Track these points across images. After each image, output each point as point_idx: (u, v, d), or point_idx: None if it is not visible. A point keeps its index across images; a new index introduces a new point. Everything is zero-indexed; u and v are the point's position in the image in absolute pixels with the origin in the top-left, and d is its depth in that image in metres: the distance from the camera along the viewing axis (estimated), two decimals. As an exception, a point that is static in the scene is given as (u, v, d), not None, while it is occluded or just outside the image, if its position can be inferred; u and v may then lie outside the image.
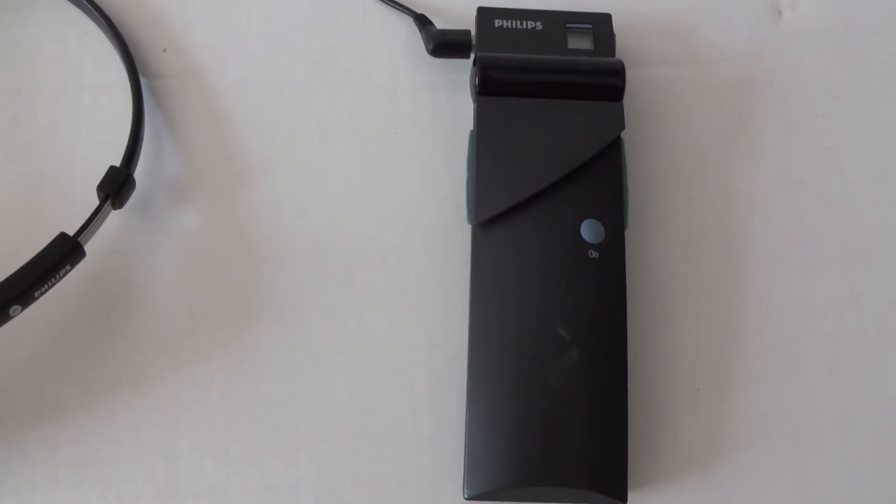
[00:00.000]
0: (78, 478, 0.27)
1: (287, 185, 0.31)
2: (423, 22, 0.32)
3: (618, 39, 0.31)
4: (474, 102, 0.30)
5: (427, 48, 0.31)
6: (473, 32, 0.31)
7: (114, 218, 0.29)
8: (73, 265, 0.27)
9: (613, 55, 0.31)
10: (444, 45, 0.31)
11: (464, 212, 0.29)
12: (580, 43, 0.31)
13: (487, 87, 0.29)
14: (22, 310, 0.26)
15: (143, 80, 0.32)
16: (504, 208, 0.27)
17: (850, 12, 0.33)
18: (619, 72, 0.29)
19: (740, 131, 0.32)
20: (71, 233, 0.27)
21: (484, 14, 0.31)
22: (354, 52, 0.33)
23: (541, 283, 0.27)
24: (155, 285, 0.29)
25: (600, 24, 0.31)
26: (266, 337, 0.29)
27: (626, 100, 0.29)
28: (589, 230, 0.27)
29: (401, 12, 0.33)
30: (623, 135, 0.29)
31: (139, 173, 0.30)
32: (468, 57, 0.31)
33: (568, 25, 0.31)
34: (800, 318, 0.29)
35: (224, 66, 0.32)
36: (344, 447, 0.27)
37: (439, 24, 0.32)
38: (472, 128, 0.30)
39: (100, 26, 0.33)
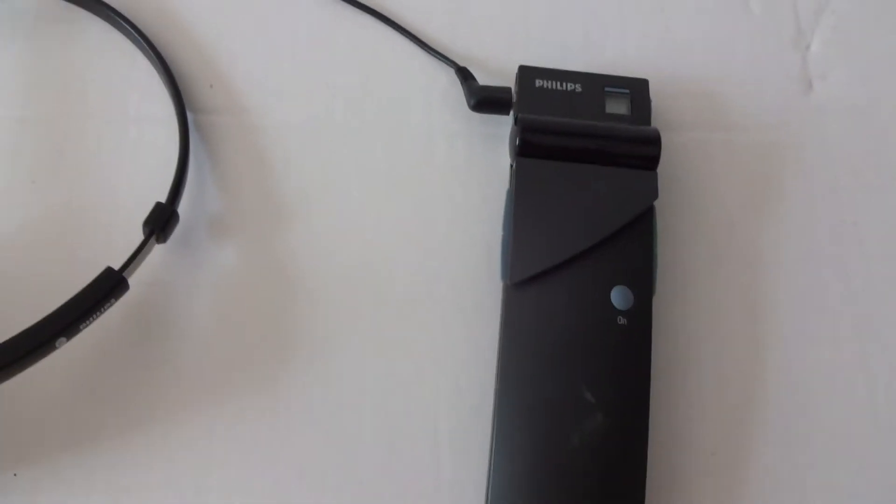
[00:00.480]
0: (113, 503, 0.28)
1: (323, 226, 0.32)
2: (465, 76, 0.33)
3: (653, 104, 0.32)
4: (513, 162, 0.31)
5: (469, 103, 0.32)
6: (514, 90, 0.32)
7: (156, 249, 0.30)
8: (117, 299, 0.28)
9: (649, 120, 0.31)
10: (486, 101, 0.32)
11: (492, 265, 0.30)
12: (617, 107, 0.31)
13: (527, 149, 0.30)
14: (66, 341, 0.27)
15: (189, 115, 0.32)
16: (538, 271, 0.28)
17: (879, 87, 0.34)
18: (654, 141, 0.30)
19: (766, 199, 0.33)
20: (113, 264, 0.28)
21: (525, 73, 0.32)
22: (394, 96, 0.34)
23: (569, 346, 0.28)
24: (193, 318, 0.30)
25: (637, 89, 0.32)
26: (298, 378, 0.29)
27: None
28: (619, 297, 0.28)
29: (443, 63, 0.34)
30: (655, 202, 0.30)
31: (182, 207, 0.31)
32: (507, 114, 0.32)
33: (606, 89, 0.32)
34: (815, 386, 0.30)
35: (267, 105, 0.33)
36: (369, 490, 0.28)
37: (477, 74, 0.33)
38: (507, 186, 0.30)
39: (148, 58, 0.33)
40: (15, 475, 0.28)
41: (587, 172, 0.30)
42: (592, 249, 0.29)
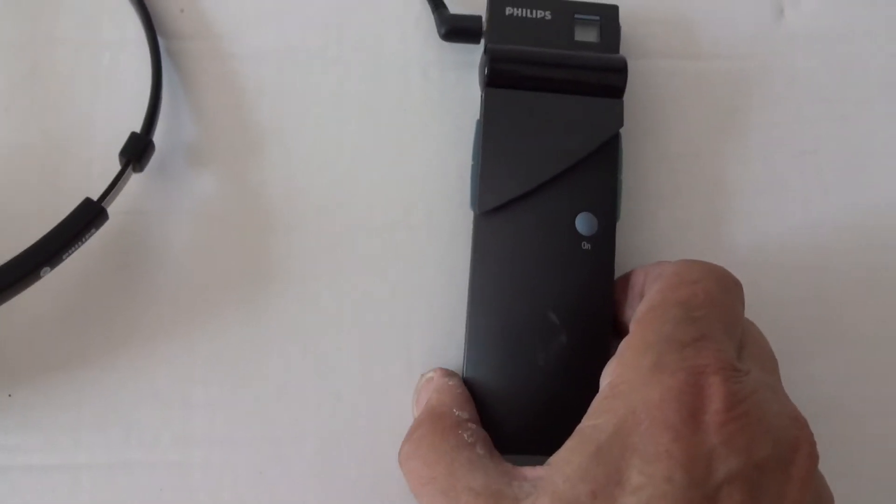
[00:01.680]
0: (101, 420, 0.29)
1: (298, 154, 0.32)
2: (435, 3, 0.33)
3: (623, 30, 0.32)
4: (482, 92, 0.31)
5: (439, 32, 0.32)
6: (485, 18, 0.32)
7: (133, 179, 0.31)
8: (97, 228, 0.29)
9: (618, 47, 0.32)
10: (456, 30, 0.32)
11: (465, 192, 0.31)
12: (587, 35, 0.32)
13: (495, 80, 0.30)
14: (51, 270, 0.28)
15: (160, 41, 0.32)
16: (505, 200, 0.29)
17: (850, 15, 0.34)
18: (621, 70, 0.31)
19: (731, 127, 0.33)
20: (91, 193, 0.29)
21: (496, 1, 0.32)
22: (369, 24, 0.34)
23: (535, 271, 0.29)
24: (171, 245, 0.31)
25: (607, 16, 0.32)
26: (275, 299, 0.31)
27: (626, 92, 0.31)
28: (583, 223, 0.29)
29: None
30: (621, 129, 0.30)
31: (157, 135, 0.31)
32: (478, 42, 0.32)
33: (576, 16, 0.32)
34: (773, 312, 0.31)
35: (240, 31, 0.33)
36: (345, 404, 0.30)
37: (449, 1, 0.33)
38: (478, 116, 0.31)
39: (117, -19, 0.33)
40: (10, 396, 0.29)
41: (554, 101, 0.30)
42: (558, 177, 0.29)
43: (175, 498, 0.29)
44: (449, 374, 0.29)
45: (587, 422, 0.23)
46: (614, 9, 0.32)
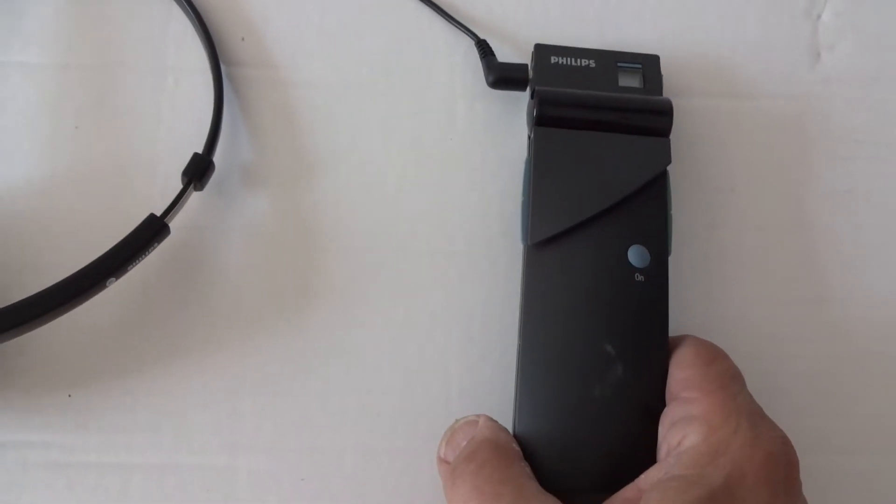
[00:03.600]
0: (154, 424, 0.31)
1: (348, 180, 0.34)
2: (484, 50, 0.34)
3: (664, 75, 0.33)
4: (530, 132, 0.32)
5: (487, 80, 0.34)
6: (530, 66, 0.33)
7: (193, 196, 0.33)
8: (159, 242, 0.30)
9: (661, 93, 0.33)
10: (504, 80, 0.34)
11: (506, 225, 0.32)
12: (630, 81, 0.33)
13: (545, 119, 0.31)
14: (115, 280, 0.30)
15: (222, 67, 0.34)
16: (556, 232, 0.30)
17: (884, 60, 0.35)
18: (667, 111, 0.31)
19: (767, 165, 0.34)
20: (153, 208, 0.31)
21: (541, 51, 0.33)
22: (418, 60, 0.35)
23: (589, 303, 0.29)
24: (226, 260, 0.33)
25: (649, 65, 0.33)
26: (322, 317, 0.32)
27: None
28: (636, 255, 0.30)
29: (464, 34, 0.35)
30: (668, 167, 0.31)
31: (216, 156, 0.33)
32: (524, 90, 0.34)
33: (619, 65, 0.33)
34: (799, 343, 0.33)
35: (297, 60, 0.35)
36: (384, 421, 0.31)
37: (496, 45, 0.35)
38: (525, 155, 0.32)
39: (183, 10, 0.35)
40: (70, 396, 0.31)
41: (603, 140, 0.31)
42: (609, 211, 0.30)
43: (221, 500, 0.31)
44: (493, 420, 0.29)
45: (688, 471, 0.25)
46: (655, 58, 0.33)
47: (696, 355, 0.28)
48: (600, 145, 0.31)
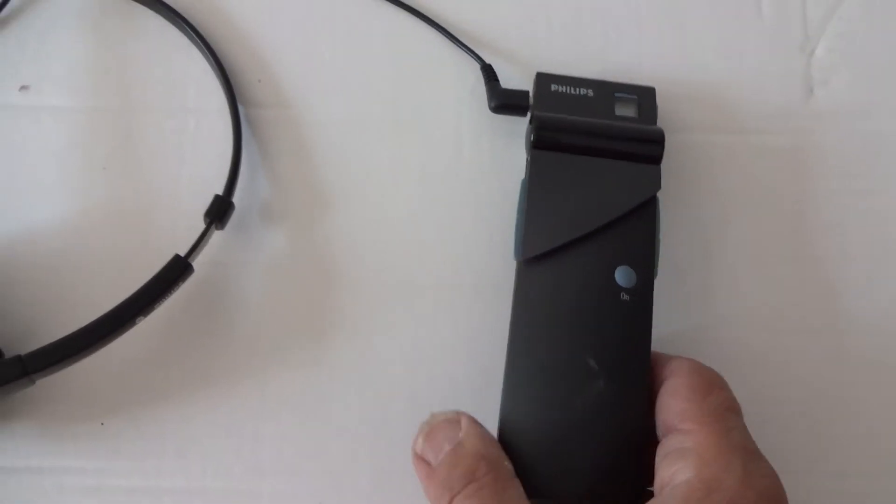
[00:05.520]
0: (181, 450, 0.33)
1: (360, 214, 0.36)
2: (489, 75, 0.36)
3: (659, 105, 0.35)
4: (528, 155, 0.34)
5: (489, 105, 0.36)
6: (532, 93, 0.35)
7: (214, 234, 0.34)
8: (184, 281, 0.32)
9: (655, 123, 0.34)
10: (505, 105, 0.35)
11: (509, 251, 0.34)
12: (626, 111, 0.35)
13: (541, 142, 0.33)
14: (144, 318, 0.32)
15: (240, 108, 0.36)
16: (548, 248, 0.31)
17: (876, 94, 0.37)
18: (659, 140, 0.33)
19: (760, 198, 0.36)
20: (178, 247, 0.33)
21: (542, 79, 0.35)
22: (425, 95, 0.37)
23: (576, 319, 0.31)
24: (247, 294, 0.35)
25: (644, 96, 0.35)
26: (338, 347, 0.34)
27: (664, 159, 0.33)
28: (623, 275, 0.31)
29: (471, 58, 0.37)
30: (659, 192, 0.33)
31: (235, 194, 0.35)
32: (524, 116, 0.35)
33: (616, 95, 0.35)
34: (792, 369, 0.34)
35: (310, 101, 0.37)
36: (397, 447, 0.33)
37: (501, 70, 0.36)
38: (523, 177, 0.33)
39: (202, 53, 0.37)
40: (102, 424, 0.33)
41: (597, 165, 0.33)
42: (599, 232, 0.31)
43: (244, 522, 0.33)
44: (477, 422, 0.30)
45: None
46: (651, 90, 0.35)
47: (694, 387, 0.29)
48: (594, 170, 0.32)
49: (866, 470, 0.33)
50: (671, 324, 0.34)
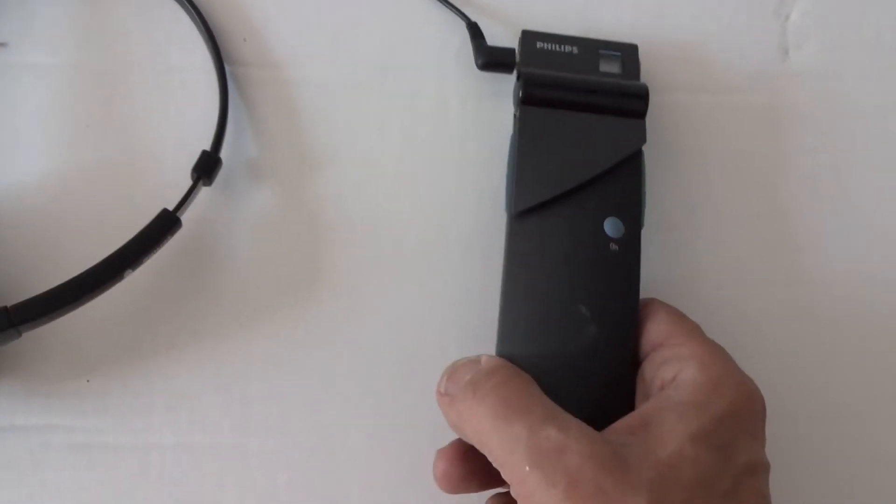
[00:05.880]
0: (170, 406, 0.33)
1: (348, 173, 0.36)
2: (475, 33, 0.36)
3: (642, 65, 0.36)
4: (516, 111, 0.34)
5: (476, 62, 0.36)
6: (517, 51, 0.36)
7: (201, 190, 0.34)
8: (172, 236, 0.32)
9: (638, 79, 0.35)
10: (492, 62, 0.36)
11: (497, 208, 0.34)
12: (610, 67, 0.35)
13: (530, 99, 0.33)
14: (132, 272, 0.31)
15: (226, 67, 0.36)
16: (539, 201, 0.32)
17: (846, 57, 0.38)
18: (643, 95, 0.34)
19: (738, 156, 0.37)
20: (165, 203, 0.32)
21: (528, 37, 0.35)
22: (411, 55, 0.37)
23: (567, 268, 0.31)
24: (234, 251, 0.35)
25: (628, 53, 0.36)
26: (325, 305, 0.34)
27: (647, 118, 0.34)
28: (611, 226, 0.32)
29: (456, 16, 0.37)
30: (644, 148, 0.33)
31: (222, 151, 0.35)
32: (511, 73, 0.36)
33: (600, 52, 0.35)
34: (768, 319, 0.35)
35: (297, 61, 0.37)
36: (386, 402, 0.34)
37: (487, 28, 0.36)
38: (511, 132, 0.34)
39: (187, 12, 0.36)
40: (88, 381, 0.33)
41: (583, 119, 0.33)
42: (587, 185, 0.32)
43: (233, 478, 0.33)
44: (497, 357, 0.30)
45: (694, 398, 0.27)
46: (634, 47, 0.36)
47: (669, 312, 0.31)
48: (580, 125, 0.33)
49: (823, 414, 0.35)
50: (655, 274, 0.35)
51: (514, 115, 0.35)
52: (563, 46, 0.35)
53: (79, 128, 0.35)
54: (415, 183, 0.36)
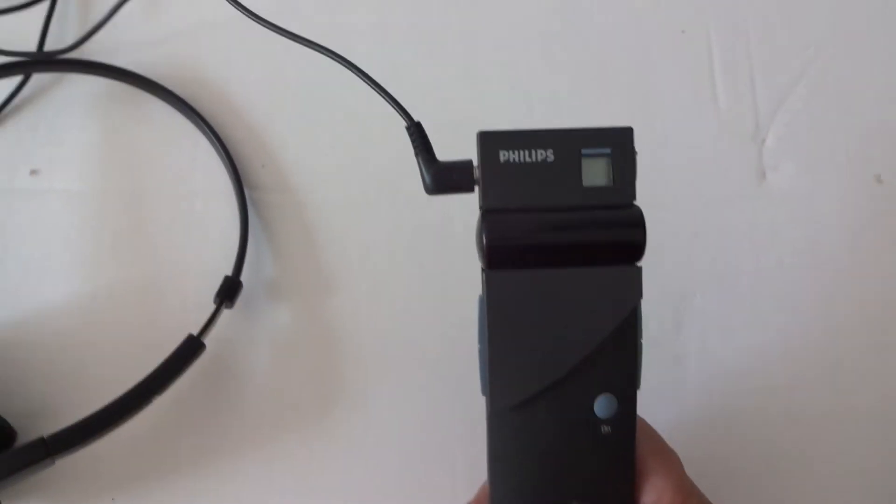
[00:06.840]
0: (191, 523, 0.35)
1: (360, 293, 0.38)
2: (421, 148, 0.29)
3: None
4: (483, 268, 0.28)
5: (425, 185, 0.29)
6: (476, 162, 0.28)
7: (223, 312, 0.36)
8: (196, 359, 0.34)
9: (634, 180, 0.28)
10: (445, 183, 0.29)
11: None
12: (596, 176, 0.27)
13: (496, 262, 0.27)
14: (159, 396, 0.33)
15: (245, 192, 0.38)
16: (519, 400, 0.28)
17: (818, 178, 0.41)
18: (640, 239, 0.27)
19: (719, 271, 0.39)
20: (189, 324, 0.34)
21: (487, 142, 0.27)
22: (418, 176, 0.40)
23: (556, 463, 0.28)
24: (253, 369, 0.37)
25: (619, 144, 0.27)
26: (341, 421, 0.36)
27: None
28: (602, 406, 0.28)
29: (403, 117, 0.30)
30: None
31: (242, 274, 0.37)
32: (472, 191, 0.28)
33: (583, 152, 0.27)
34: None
35: (311, 185, 0.39)
36: (399, 510, 0.35)
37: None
38: (480, 292, 0.28)
39: (209, 140, 0.39)
40: (113, 500, 0.34)
41: (565, 279, 0.27)
42: (574, 367, 0.28)
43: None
44: None
45: None
46: (628, 131, 0.28)
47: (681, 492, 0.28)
48: (562, 286, 0.27)
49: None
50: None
51: (482, 275, 0.28)
52: (534, 154, 0.27)
53: (104, 252, 0.37)
54: (421, 302, 0.38)
